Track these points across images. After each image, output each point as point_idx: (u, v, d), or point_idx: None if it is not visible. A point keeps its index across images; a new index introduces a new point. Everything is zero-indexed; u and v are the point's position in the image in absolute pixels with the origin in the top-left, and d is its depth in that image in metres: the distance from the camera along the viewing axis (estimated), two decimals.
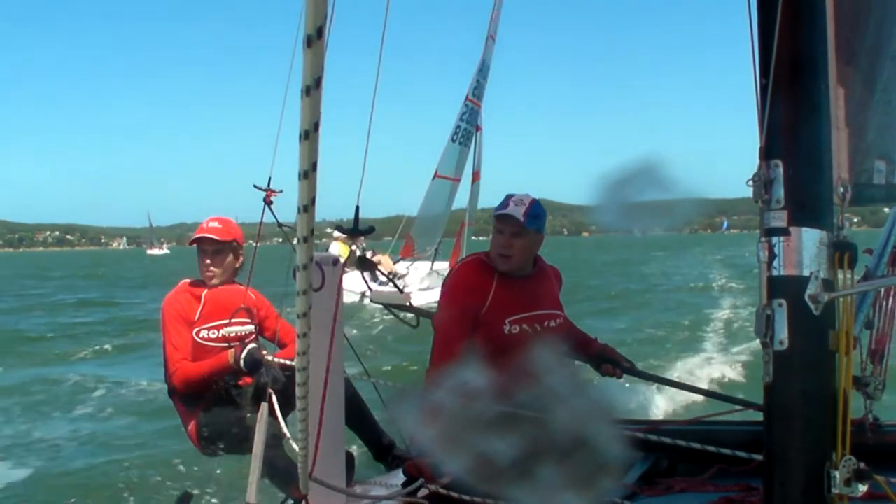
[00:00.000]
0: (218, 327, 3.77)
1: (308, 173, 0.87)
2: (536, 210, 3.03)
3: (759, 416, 2.90)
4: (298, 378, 1.39)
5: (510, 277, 2.99)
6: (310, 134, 0.83)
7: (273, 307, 4.01)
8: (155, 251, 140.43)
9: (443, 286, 3.07)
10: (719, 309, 16.49)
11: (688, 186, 1.40)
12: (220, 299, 3.82)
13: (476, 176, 17.63)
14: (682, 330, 13.70)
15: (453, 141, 15.27)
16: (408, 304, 2.96)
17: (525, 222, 2.94)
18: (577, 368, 3.07)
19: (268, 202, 3.59)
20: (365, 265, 2.20)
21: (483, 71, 15.13)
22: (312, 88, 0.79)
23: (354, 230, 2.09)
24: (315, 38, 0.75)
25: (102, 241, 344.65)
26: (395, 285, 2.71)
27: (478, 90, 15.19)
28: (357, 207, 2.16)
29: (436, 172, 15.79)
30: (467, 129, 15.59)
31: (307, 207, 0.92)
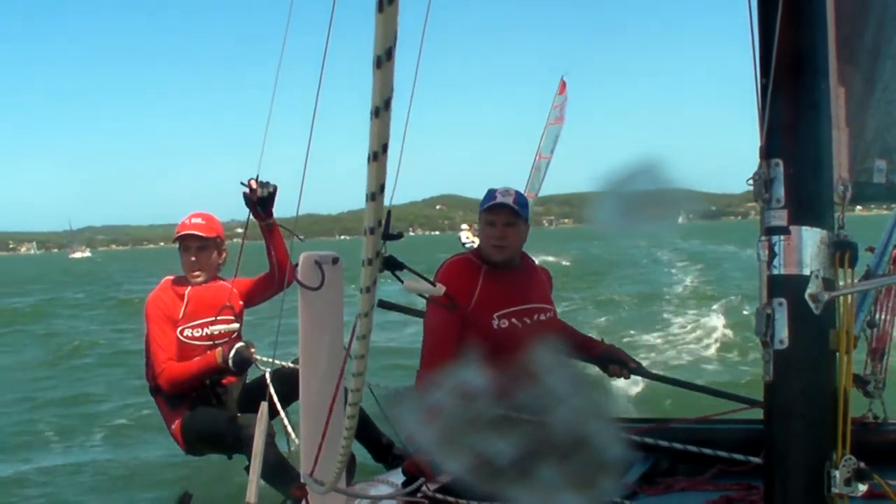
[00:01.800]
0: (202, 325, 3.74)
1: (375, 195, 0.87)
2: (524, 199, 3.09)
3: (755, 415, 2.91)
4: (353, 384, 1.37)
5: (497, 272, 3.00)
6: (378, 156, 0.83)
7: (252, 279, 4.00)
8: (77, 254, 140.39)
9: None
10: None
11: (685, 185, 1.40)
12: (203, 297, 3.79)
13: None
14: None
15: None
16: (442, 293, 2.99)
17: (518, 210, 2.99)
18: (577, 366, 3.07)
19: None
20: (393, 265, 2.19)
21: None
22: (382, 110, 0.79)
23: (385, 235, 2.08)
24: (384, 60, 0.75)
25: (10, 245, 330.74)
26: (428, 280, 2.77)
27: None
28: (388, 212, 2.16)
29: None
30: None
31: (373, 230, 0.92)
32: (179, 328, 3.69)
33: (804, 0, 1.46)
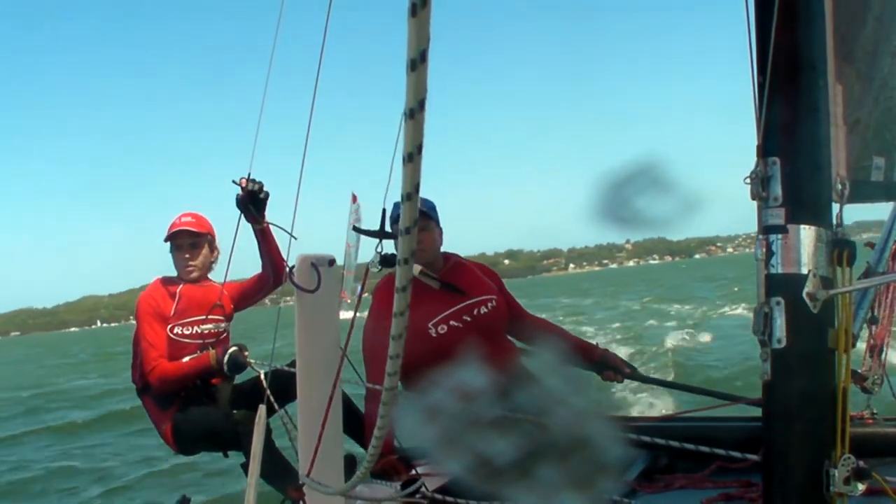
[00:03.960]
0: (192, 324, 3.76)
1: (411, 195, 0.90)
2: (430, 203, 3.15)
3: (753, 412, 2.91)
4: (384, 398, 1.37)
5: (421, 282, 3.02)
6: (413, 157, 0.86)
7: (243, 282, 4.02)
8: None
9: None
10: None
11: (686, 188, 1.39)
12: (194, 296, 3.81)
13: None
14: None
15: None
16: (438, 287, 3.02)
17: (428, 213, 3.06)
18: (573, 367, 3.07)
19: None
20: (388, 264, 2.22)
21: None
22: (416, 111, 0.82)
23: (381, 232, 2.08)
24: (419, 62, 0.78)
25: None
26: (431, 275, 2.85)
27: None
28: (384, 210, 2.18)
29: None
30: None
31: (409, 230, 0.94)
32: (170, 325, 3.70)
33: None
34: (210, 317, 3.78)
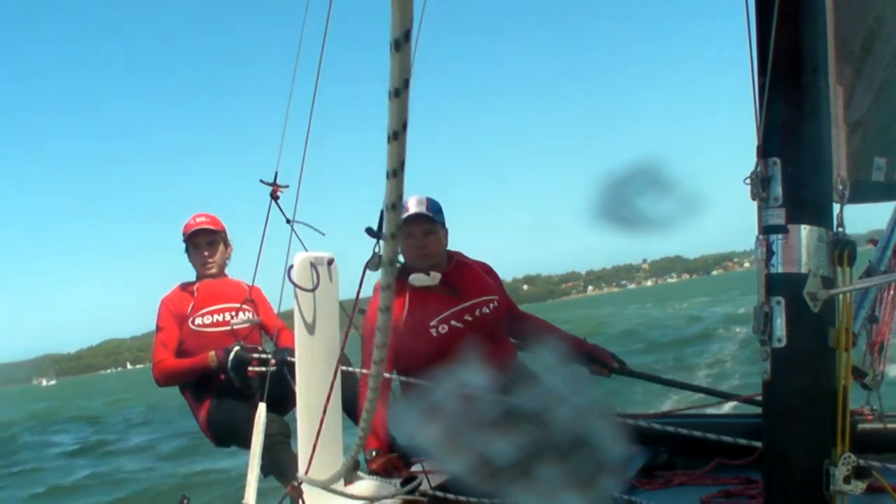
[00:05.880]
0: (212, 312, 3.81)
1: (397, 172, 0.89)
2: (437, 205, 3.12)
3: (750, 409, 2.91)
4: (369, 394, 1.37)
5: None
6: (398, 135, 0.86)
7: (270, 305, 4.02)
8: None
9: None
10: None
11: (686, 188, 1.39)
12: (212, 288, 3.89)
13: None
14: None
15: None
16: (437, 282, 3.05)
17: (433, 217, 3.05)
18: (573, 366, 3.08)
19: (275, 197, 3.56)
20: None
21: None
22: (401, 90, 0.81)
23: (378, 232, 2.09)
24: (403, 42, 0.77)
25: None
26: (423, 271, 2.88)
27: None
28: (382, 211, 2.17)
29: None
30: None
31: (395, 206, 0.93)
32: (190, 319, 3.76)
33: None
34: (244, 306, 3.84)
